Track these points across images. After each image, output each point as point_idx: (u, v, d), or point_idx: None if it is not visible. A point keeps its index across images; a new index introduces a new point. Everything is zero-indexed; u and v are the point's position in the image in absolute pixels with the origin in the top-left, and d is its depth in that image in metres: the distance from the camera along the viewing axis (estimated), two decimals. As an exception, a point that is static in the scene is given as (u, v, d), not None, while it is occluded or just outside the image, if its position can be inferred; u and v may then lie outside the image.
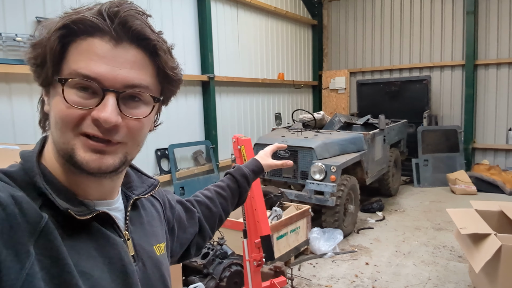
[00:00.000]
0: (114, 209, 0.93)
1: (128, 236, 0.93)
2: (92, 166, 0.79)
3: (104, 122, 0.76)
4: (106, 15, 0.77)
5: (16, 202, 0.71)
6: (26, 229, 0.70)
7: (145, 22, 0.82)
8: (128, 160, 0.86)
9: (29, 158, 0.84)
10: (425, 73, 9.99)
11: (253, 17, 8.92)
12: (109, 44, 0.78)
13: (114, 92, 0.78)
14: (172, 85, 0.91)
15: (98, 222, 0.85)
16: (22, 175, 0.80)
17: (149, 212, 1.08)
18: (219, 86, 7.92)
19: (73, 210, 0.79)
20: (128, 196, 1.00)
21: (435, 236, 5.90)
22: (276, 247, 4.78)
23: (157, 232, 1.07)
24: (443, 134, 9.02)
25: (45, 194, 0.78)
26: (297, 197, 5.85)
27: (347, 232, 6.00)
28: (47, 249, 0.72)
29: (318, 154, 5.83)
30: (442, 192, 8.33)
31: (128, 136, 0.82)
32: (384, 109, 9.65)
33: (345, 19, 11.30)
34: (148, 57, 0.83)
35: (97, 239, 0.84)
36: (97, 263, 0.81)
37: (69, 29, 0.77)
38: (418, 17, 10.09)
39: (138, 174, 1.08)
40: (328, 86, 11.40)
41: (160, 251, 1.04)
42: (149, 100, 0.85)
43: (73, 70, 0.77)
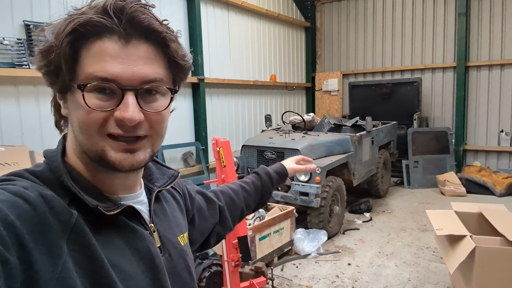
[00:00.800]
0: (139, 202, 0.95)
1: (153, 228, 0.95)
2: (125, 164, 0.82)
3: (129, 121, 0.78)
4: (112, 13, 0.77)
5: (45, 201, 0.73)
6: (58, 226, 0.72)
7: (151, 14, 0.82)
8: (155, 152, 0.89)
9: (54, 157, 0.85)
10: (416, 75, 10.04)
11: (245, 20, 8.97)
12: (120, 43, 0.79)
13: (133, 90, 0.79)
14: (183, 73, 0.92)
15: (124, 216, 0.88)
16: (49, 174, 0.82)
17: (170, 204, 1.11)
18: (209, 88, 7.97)
19: (102, 206, 0.81)
20: (150, 188, 1.02)
21: (419, 237, 5.95)
22: (258, 248, 4.83)
23: (180, 223, 1.10)
24: (433, 136, 9.06)
25: (73, 192, 0.80)
26: (283, 198, 5.90)
27: (333, 233, 6.05)
28: (79, 245, 0.74)
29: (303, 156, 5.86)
30: (432, 194, 8.38)
31: (151, 129, 0.84)
32: (375, 111, 9.73)
33: (338, 21, 11.35)
34: (158, 50, 0.84)
35: (125, 233, 0.86)
36: (127, 256, 0.84)
37: (78, 32, 0.77)
38: (410, 19, 10.14)
39: (158, 166, 1.10)
40: (321, 88, 11.44)
41: (184, 241, 1.06)
42: (166, 92, 0.86)
43: (89, 74, 0.77)
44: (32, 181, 0.79)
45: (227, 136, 8.54)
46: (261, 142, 6.35)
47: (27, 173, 0.81)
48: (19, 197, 0.71)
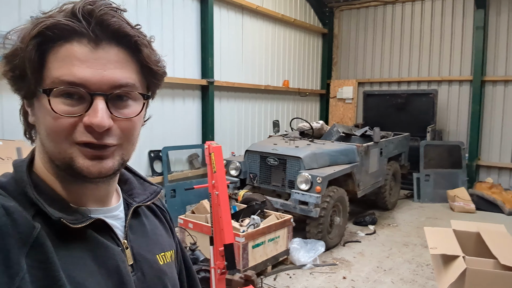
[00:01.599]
0: (113, 217, 0.91)
1: (126, 245, 0.91)
2: (93, 171, 0.78)
3: (97, 127, 0.75)
4: (81, 16, 0.75)
5: (7, 213, 0.70)
6: (18, 240, 0.69)
7: (122, 18, 0.79)
8: (125, 160, 0.85)
9: (19, 168, 0.82)
10: (433, 87, 9.84)
11: (259, 24, 8.95)
12: (89, 47, 0.76)
13: (102, 95, 0.76)
14: (157, 79, 0.88)
15: (94, 230, 0.83)
16: (14, 185, 0.79)
17: (151, 221, 1.05)
18: (219, 91, 7.97)
19: (67, 219, 0.77)
20: (129, 203, 0.98)
21: (421, 253, 5.79)
22: (251, 255, 4.78)
23: (162, 241, 1.04)
24: (446, 149, 8.86)
25: (37, 204, 0.77)
26: (282, 206, 5.83)
27: (333, 244, 5.96)
28: (39, 260, 0.71)
29: (305, 164, 5.81)
30: (441, 209, 8.17)
31: (122, 137, 0.81)
32: (389, 121, 9.60)
33: (355, 28, 11.23)
34: (130, 54, 0.81)
35: (93, 248, 0.82)
36: (93, 273, 0.79)
37: (45, 36, 0.74)
38: (428, 30, 9.96)
39: (140, 181, 1.06)
40: (336, 96, 11.32)
41: (164, 260, 1.00)
42: (138, 97, 0.83)
43: (56, 78, 0.74)
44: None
45: (235, 141, 8.53)
46: (264, 148, 6.30)
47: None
48: None
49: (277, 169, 6.14)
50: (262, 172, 6.29)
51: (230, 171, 6.52)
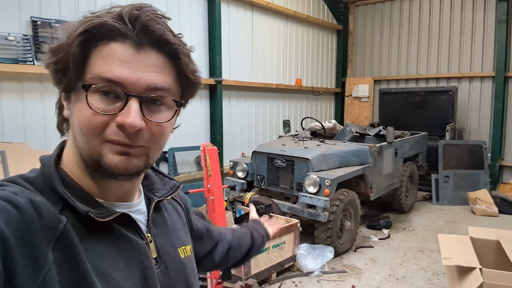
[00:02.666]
0: (136, 212, 0.93)
1: (150, 239, 0.93)
2: (120, 167, 0.80)
3: (129, 127, 0.77)
4: (127, 20, 0.77)
5: (34, 207, 0.72)
6: (45, 233, 0.71)
7: (166, 25, 0.82)
8: (150, 163, 0.87)
9: (47, 163, 0.84)
10: (452, 84, 9.42)
11: (270, 21, 8.70)
12: (132, 49, 0.78)
13: (137, 96, 0.79)
14: (192, 88, 0.90)
15: (119, 224, 0.86)
16: (42, 180, 0.81)
17: (172, 215, 1.08)
18: (228, 91, 7.76)
19: (93, 213, 0.79)
20: (150, 198, 1.00)
21: (437, 260, 5.44)
22: (253, 262, 4.54)
23: (181, 235, 1.07)
24: (466, 149, 8.43)
25: (65, 198, 0.79)
26: (290, 210, 5.58)
27: (343, 249, 5.67)
28: (65, 253, 0.72)
29: (314, 166, 5.54)
30: (461, 212, 7.77)
31: (150, 140, 0.83)
32: (406, 120, 9.26)
33: (371, 24, 10.86)
34: (169, 61, 0.83)
35: (118, 241, 0.84)
36: (118, 265, 0.81)
37: (91, 34, 0.77)
38: (448, 24, 9.52)
39: (160, 176, 1.09)
40: (351, 94, 10.98)
41: (185, 254, 1.03)
42: (172, 104, 0.85)
43: (96, 75, 0.77)
44: (24, 187, 0.78)
45: (245, 141, 8.30)
46: (272, 149, 6.05)
47: (21, 179, 0.81)
48: (7, 202, 0.69)
49: (285, 171, 5.88)
50: (269, 174, 6.04)
51: (237, 173, 6.29)
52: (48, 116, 5.30)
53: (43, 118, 5.29)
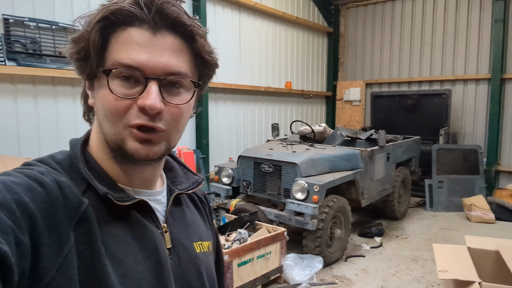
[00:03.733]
0: (156, 201, 0.95)
1: (166, 229, 0.94)
2: (141, 154, 0.82)
3: (150, 109, 0.78)
4: (143, 4, 0.78)
5: (60, 187, 0.75)
6: (68, 213, 0.74)
7: (180, 8, 0.83)
8: (171, 146, 0.88)
9: (75, 145, 0.88)
10: (446, 87, 9.18)
11: (258, 22, 8.44)
12: (148, 33, 0.80)
13: (156, 79, 0.80)
14: (209, 70, 0.91)
15: (137, 210, 0.87)
16: (68, 162, 0.85)
17: (191, 209, 1.08)
18: (214, 93, 7.48)
19: (113, 196, 0.81)
20: (172, 190, 1.01)
21: (432, 270, 5.16)
22: (236, 275, 4.24)
23: (200, 230, 1.06)
24: (461, 154, 8.18)
25: (87, 179, 0.81)
26: (277, 217, 5.28)
27: (333, 259, 5.38)
28: (84, 235, 0.75)
29: (302, 171, 5.25)
30: (456, 219, 7.51)
31: (170, 123, 0.84)
32: (399, 124, 9.06)
33: (363, 27, 10.64)
34: (185, 43, 0.84)
35: (135, 227, 0.85)
36: (133, 251, 0.83)
37: (109, 20, 0.79)
38: (441, 25, 9.30)
39: (185, 170, 1.09)
40: (342, 97, 10.74)
41: (201, 249, 1.02)
42: (190, 86, 0.86)
43: (116, 61, 0.79)
44: (52, 167, 0.81)
45: (233, 145, 8.01)
46: (259, 154, 5.76)
47: (50, 159, 0.84)
48: (34, 181, 0.73)
49: (272, 176, 5.59)
50: (256, 180, 5.75)
51: (222, 179, 5.99)
52: (21, 118, 4.99)
53: (15, 120, 4.98)
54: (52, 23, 5.13)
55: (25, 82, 5.00)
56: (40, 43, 5.04)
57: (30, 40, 4.98)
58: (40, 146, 5.16)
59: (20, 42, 4.92)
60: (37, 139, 5.16)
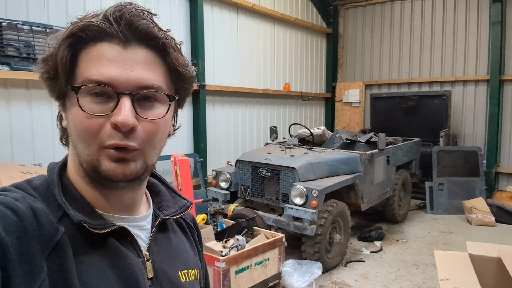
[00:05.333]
0: (138, 227, 0.90)
1: (148, 257, 0.88)
2: (118, 173, 0.78)
3: (122, 125, 0.75)
4: (112, 19, 0.76)
5: (34, 214, 0.72)
6: (41, 242, 0.70)
7: (151, 21, 0.80)
8: (149, 165, 0.83)
9: (52, 170, 0.84)
10: (446, 88, 9.12)
11: (256, 23, 8.37)
12: (119, 47, 0.77)
13: (128, 94, 0.77)
14: (185, 83, 0.88)
15: (116, 238, 0.83)
16: (46, 187, 0.81)
17: (179, 236, 1.03)
18: (212, 96, 7.40)
19: (89, 223, 0.78)
20: (157, 215, 0.96)
21: (433, 275, 5.09)
22: (234, 282, 4.16)
23: (186, 258, 1.01)
24: (461, 156, 8.12)
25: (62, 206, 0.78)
26: (275, 223, 5.21)
27: (333, 264, 5.31)
28: (58, 265, 0.71)
29: (301, 175, 5.18)
30: (457, 221, 7.44)
31: (145, 141, 0.80)
32: (399, 125, 8.99)
33: (362, 28, 10.57)
34: (158, 56, 0.81)
35: (113, 256, 0.81)
36: (109, 282, 0.78)
37: (77, 37, 0.76)
38: (440, 27, 9.25)
39: (172, 194, 1.05)
40: (342, 99, 10.67)
41: (187, 278, 0.97)
42: (165, 100, 0.83)
43: (86, 78, 0.76)
44: (28, 193, 0.77)
45: (231, 149, 7.94)
46: (256, 158, 5.68)
47: (27, 184, 0.81)
48: (7, 208, 0.70)
49: (270, 180, 5.52)
50: (254, 184, 5.68)
51: (220, 183, 5.92)
52: (15, 124, 4.92)
53: (9, 126, 4.90)
54: (46, 27, 5.05)
55: (18, 87, 4.92)
56: (34, 47, 4.96)
57: (23, 43, 4.90)
58: (34, 152, 5.09)
59: (13, 46, 4.84)
60: (31, 145, 5.09)
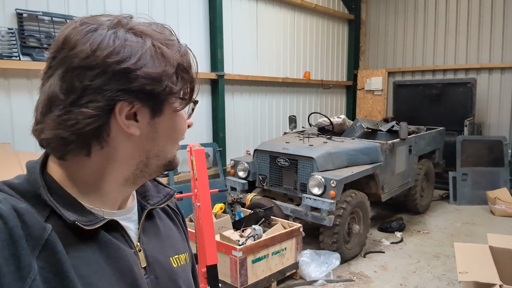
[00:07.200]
0: (126, 219, 0.91)
1: (139, 248, 0.90)
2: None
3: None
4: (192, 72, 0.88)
5: (18, 214, 0.70)
6: (29, 242, 0.69)
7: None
8: None
9: (33, 169, 0.82)
10: (471, 76, 8.86)
11: (276, 11, 8.27)
12: None
13: None
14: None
15: (107, 231, 0.83)
16: (27, 187, 0.79)
17: (165, 223, 1.05)
18: (231, 85, 7.38)
19: (81, 221, 0.77)
20: (143, 206, 0.97)
21: (454, 268, 4.96)
22: (251, 271, 4.19)
23: (176, 243, 1.03)
24: (486, 145, 7.91)
25: (51, 206, 0.76)
26: (293, 213, 5.20)
27: (351, 255, 5.28)
28: (50, 262, 0.71)
29: (319, 165, 5.14)
30: (480, 212, 7.27)
31: None
32: (422, 114, 8.82)
33: (385, 14, 10.33)
34: None
35: (106, 249, 0.81)
36: (106, 275, 0.79)
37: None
38: (465, 12, 8.95)
39: (155, 184, 1.06)
40: (364, 87, 10.50)
41: (178, 263, 0.99)
42: None
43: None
44: (8, 194, 0.75)
45: (250, 138, 7.93)
46: (274, 147, 5.66)
47: (4, 185, 0.78)
48: None
49: (288, 170, 5.50)
50: (272, 174, 5.66)
51: (238, 172, 5.93)
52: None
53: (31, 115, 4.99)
54: (66, 17, 5.11)
55: (39, 77, 5.00)
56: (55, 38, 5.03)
57: (44, 34, 4.97)
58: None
59: (34, 37, 4.91)
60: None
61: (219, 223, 4.69)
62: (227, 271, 4.14)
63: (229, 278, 4.15)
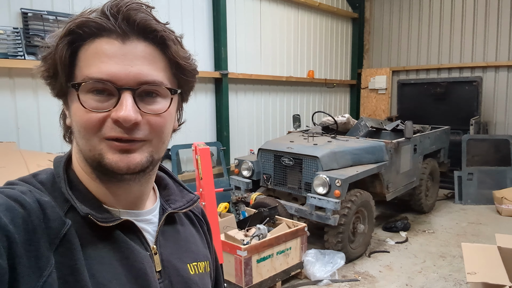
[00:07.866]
0: (145, 221, 0.90)
1: (155, 250, 0.89)
2: (121, 166, 0.77)
3: (124, 121, 0.74)
4: (109, 13, 0.76)
5: (41, 207, 0.72)
6: (49, 235, 0.70)
7: (149, 14, 0.79)
8: (155, 159, 0.84)
9: (58, 164, 0.84)
10: (477, 74, 8.80)
11: (280, 9, 8.24)
12: (117, 42, 0.76)
13: (130, 89, 0.76)
14: (187, 76, 0.87)
15: (123, 232, 0.83)
16: (52, 181, 0.81)
17: (187, 229, 1.03)
18: (235, 84, 7.36)
19: (95, 216, 0.77)
20: (165, 209, 0.96)
21: (460, 268, 4.96)
22: (255, 271, 4.16)
23: (196, 250, 1.01)
24: (492, 144, 7.84)
25: (69, 199, 0.78)
26: (297, 212, 5.16)
27: (356, 255, 5.24)
28: (66, 257, 0.71)
29: (324, 165, 5.10)
30: (486, 212, 7.22)
31: (151, 133, 0.80)
32: (427, 113, 8.76)
33: (389, 11, 10.28)
34: (158, 50, 0.81)
35: (121, 249, 0.81)
36: (118, 275, 0.78)
37: (75, 33, 0.76)
38: (471, 10, 8.89)
39: (180, 188, 1.04)
40: (368, 86, 10.45)
41: (196, 270, 0.97)
42: (166, 93, 0.82)
43: (86, 76, 0.76)
44: (35, 187, 0.78)
45: (254, 137, 7.90)
46: (279, 146, 5.63)
47: (33, 178, 0.81)
48: (15, 201, 0.70)
49: (292, 169, 5.46)
50: (276, 173, 5.63)
51: (242, 172, 5.90)
52: (42, 113, 5.02)
53: (36, 115, 5.01)
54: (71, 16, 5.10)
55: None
56: (57, 37, 5.02)
57: (49, 33, 4.95)
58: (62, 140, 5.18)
59: (39, 36, 4.90)
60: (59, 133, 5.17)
61: (223, 223, 4.67)
62: (232, 271, 4.11)
63: (234, 277, 4.12)
